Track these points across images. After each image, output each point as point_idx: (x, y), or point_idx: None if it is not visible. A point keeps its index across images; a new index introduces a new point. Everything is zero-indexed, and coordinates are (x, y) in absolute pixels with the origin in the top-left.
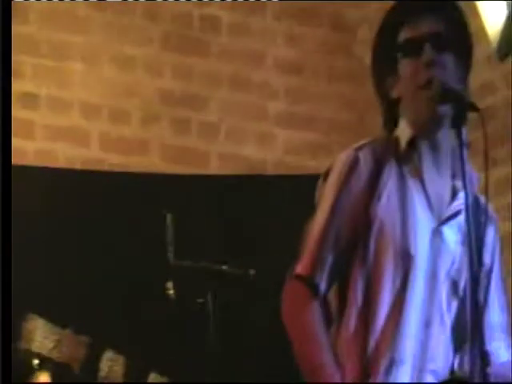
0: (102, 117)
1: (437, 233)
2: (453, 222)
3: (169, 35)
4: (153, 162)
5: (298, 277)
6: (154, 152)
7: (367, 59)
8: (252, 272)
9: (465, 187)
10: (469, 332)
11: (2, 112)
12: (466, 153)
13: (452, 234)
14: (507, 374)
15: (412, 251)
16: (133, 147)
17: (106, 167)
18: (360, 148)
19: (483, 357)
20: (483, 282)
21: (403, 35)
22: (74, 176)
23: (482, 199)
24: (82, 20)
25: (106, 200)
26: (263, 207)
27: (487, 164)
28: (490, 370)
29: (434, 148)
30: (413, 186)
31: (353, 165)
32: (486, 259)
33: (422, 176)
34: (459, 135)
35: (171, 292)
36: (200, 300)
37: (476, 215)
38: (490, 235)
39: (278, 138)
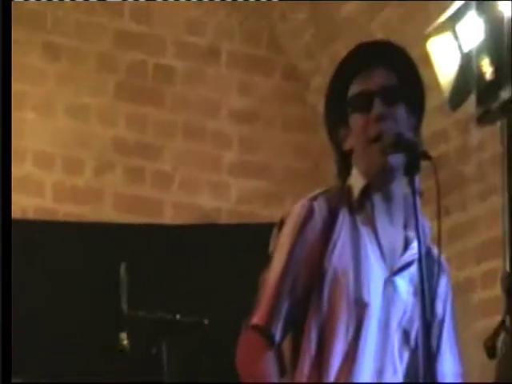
0: (56, 166)
1: (389, 283)
2: (405, 273)
3: (123, 85)
4: (107, 212)
5: (254, 327)
6: (107, 201)
7: (321, 108)
8: (206, 321)
9: (418, 237)
10: (421, 381)
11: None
12: (418, 201)
13: (404, 285)
14: None
15: (365, 300)
16: (87, 197)
17: (59, 217)
18: (314, 198)
19: None
20: (435, 331)
21: (354, 89)
22: (27, 226)
23: (435, 249)
24: (35, 70)
25: (60, 250)
26: (217, 256)
27: (439, 212)
28: None
29: (387, 198)
30: (366, 235)
31: (308, 215)
32: (439, 309)
33: (375, 226)
34: (412, 184)
35: (125, 343)
36: (154, 350)
37: (428, 266)
38: (443, 286)
39: (232, 187)
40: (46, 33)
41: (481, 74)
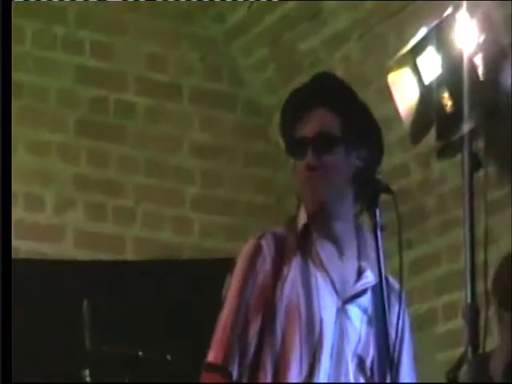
0: (17, 203)
1: (342, 312)
2: (358, 301)
3: (84, 121)
4: (68, 249)
5: (211, 365)
6: (69, 238)
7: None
8: (169, 357)
9: (379, 269)
10: None
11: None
12: (380, 235)
13: (357, 313)
14: None
15: (318, 333)
16: (48, 234)
17: (21, 255)
18: (262, 236)
19: None
20: (390, 358)
21: (295, 134)
22: None
23: (389, 278)
24: None
25: (21, 288)
26: (180, 291)
27: (400, 245)
28: None
29: (332, 233)
30: (315, 269)
31: (255, 253)
32: (392, 337)
33: (321, 260)
34: (373, 218)
35: (88, 379)
36: None
37: (382, 293)
38: (394, 312)
39: (195, 221)
40: None
41: (441, 107)
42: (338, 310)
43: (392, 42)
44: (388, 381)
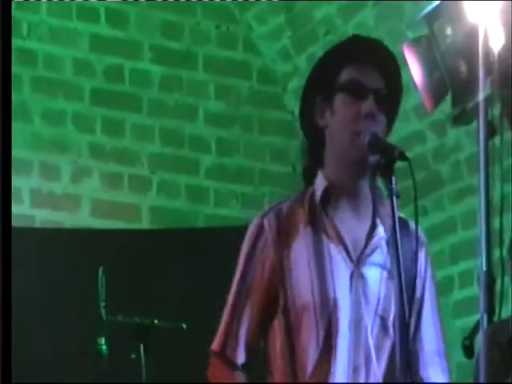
0: (33, 172)
1: (357, 277)
2: (373, 260)
3: (99, 90)
4: (84, 218)
5: (213, 353)
6: (85, 207)
7: (297, 111)
8: (184, 326)
9: (394, 236)
10: (399, 366)
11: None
12: (396, 202)
13: (374, 273)
14: None
15: (332, 304)
16: (64, 203)
17: (37, 224)
18: (266, 214)
19: None
20: (415, 311)
21: (347, 75)
22: None
23: (411, 224)
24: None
25: (37, 256)
26: (195, 260)
27: (416, 213)
28: None
29: (353, 194)
30: (327, 239)
31: (257, 233)
32: (418, 288)
33: (337, 227)
34: (389, 184)
35: (104, 347)
36: (132, 355)
37: (405, 242)
38: (421, 261)
39: (210, 190)
40: (21, 39)
41: (456, 74)
42: (351, 275)
43: (407, 9)
44: (410, 335)
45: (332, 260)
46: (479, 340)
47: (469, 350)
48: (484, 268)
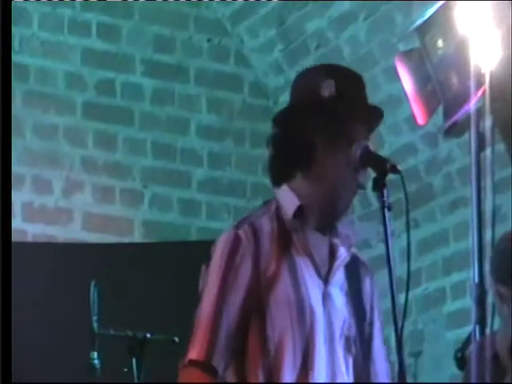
0: (25, 186)
1: (326, 295)
2: (337, 280)
3: (91, 103)
4: (76, 232)
5: (194, 362)
6: (77, 221)
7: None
8: (176, 339)
9: (387, 249)
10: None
11: None
12: (388, 215)
13: (338, 293)
14: None
15: (308, 321)
16: (56, 217)
17: (29, 238)
18: (239, 226)
19: None
20: (367, 334)
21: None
22: None
23: (358, 254)
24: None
25: (30, 271)
26: (187, 273)
27: (408, 225)
28: None
29: (321, 216)
30: (297, 255)
31: (234, 244)
32: (367, 311)
33: (307, 245)
34: (381, 197)
35: (96, 362)
36: (125, 369)
37: (355, 270)
38: (367, 287)
39: (202, 203)
40: (13, 53)
41: (448, 87)
42: (322, 293)
43: (399, 21)
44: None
45: (304, 278)
46: (471, 352)
47: (461, 362)
48: (476, 279)
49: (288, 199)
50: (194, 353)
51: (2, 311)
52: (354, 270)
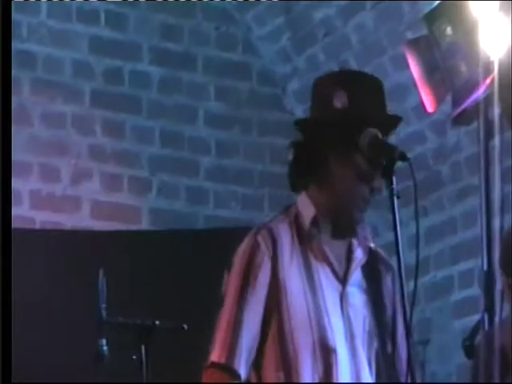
0: (33, 174)
1: (345, 297)
2: (355, 280)
3: (99, 92)
4: (84, 219)
5: (216, 365)
6: (85, 209)
7: (297, 112)
8: (185, 326)
9: (396, 240)
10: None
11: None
12: (396, 203)
13: (357, 292)
14: None
15: (326, 325)
16: (64, 205)
17: (36, 225)
18: (258, 232)
19: None
20: (388, 327)
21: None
22: None
23: (379, 250)
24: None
25: (37, 258)
26: (194, 261)
27: (417, 213)
28: None
29: (338, 221)
30: (315, 260)
31: (254, 250)
32: (388, 307)
33: (324, 251)
34: (390, 185)
35: (105, 349)
36: (134, 356)
37: (375, 267)
38: (389, 284)
39: (210, 192)
40: (20, 41)
41: (456, 74)
42: (340, 295)
43: (406, 9)
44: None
45: (321, 282)
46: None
47: (469, 351)
48: (485, 268)
49: (306, 207)
50: (215, 355)
51: (2, 311)
52: (374, 267)
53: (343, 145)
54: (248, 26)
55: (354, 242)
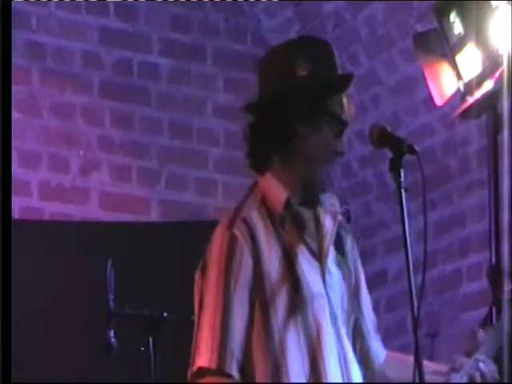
0: (42, 165)
1: (326, 276)
2: (331, 256)
3: (108, 83)
4: (93, 210)
5: (204, 370)
6: (94, 200)
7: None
8: (193, 318)
9: (404, 236)
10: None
11: None
12: (404, 196)
13: (334, 269)
14: (386, 374)
15: (313, 312)
16: (73, 196)
17: (45, 216)
18: (232, 224)
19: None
20: (354, 288)
21: (338, 112)
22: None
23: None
24: (20, 68)
25: (46, 249)
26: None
27: (425, 206)
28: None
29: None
30: (294, 243)
31: (231, 244)
32: (352, 269)
33: (298, 229)
34: (398, 178)
35: (112, 340)
36: (142, 348)
37: (338, 236)
38: (349, 245)
39: (219, 183)
40: (30, 31)
41: (466, 67)
42: (322, 277)
43: (416, 2)
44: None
45: (303, 268)
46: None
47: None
48: (493, 261)
49: (274, 190)
50: (202, 360)
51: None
52: (338, 235)
53: (313, 112)
54: (257, 17)
55: (320, 209)
